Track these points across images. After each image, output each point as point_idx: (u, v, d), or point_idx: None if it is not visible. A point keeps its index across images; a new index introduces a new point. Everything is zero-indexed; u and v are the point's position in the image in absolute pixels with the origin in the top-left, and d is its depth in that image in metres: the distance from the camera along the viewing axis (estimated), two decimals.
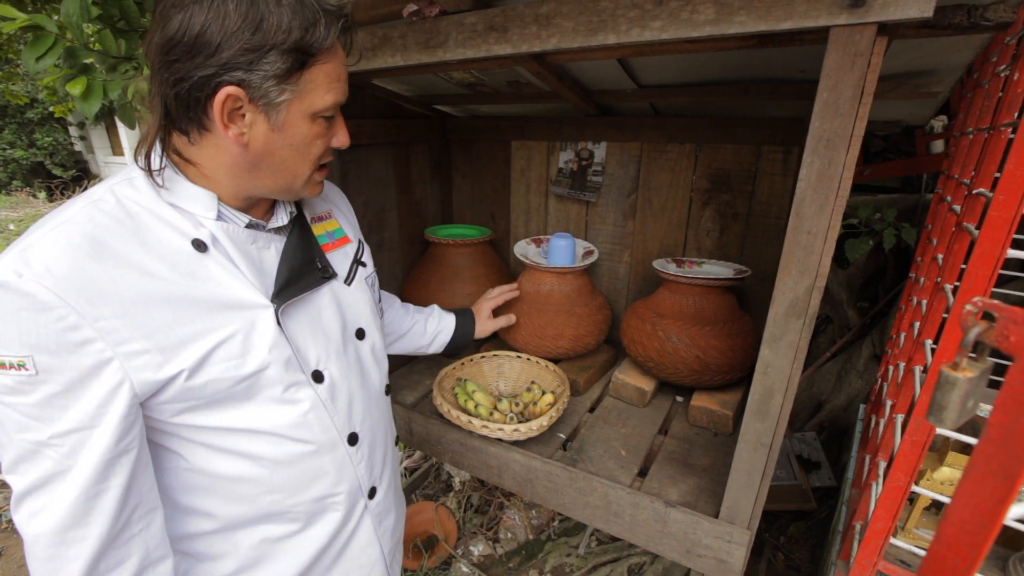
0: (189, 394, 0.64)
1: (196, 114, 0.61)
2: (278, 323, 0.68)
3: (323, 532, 0.81)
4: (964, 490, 0.33)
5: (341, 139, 0.72)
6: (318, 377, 0.75)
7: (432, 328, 1.28)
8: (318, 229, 0.84)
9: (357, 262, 0.88)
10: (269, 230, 0.74)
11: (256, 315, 0.67)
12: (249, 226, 0.71)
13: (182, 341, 0.61)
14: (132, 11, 1.00)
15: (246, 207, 0.71)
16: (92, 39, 1.01)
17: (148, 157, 0.64)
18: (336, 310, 0.80)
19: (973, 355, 0.32)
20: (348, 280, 0.85)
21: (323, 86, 0.64)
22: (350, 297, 0.84)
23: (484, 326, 1.38)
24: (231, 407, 0.68)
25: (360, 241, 0.93)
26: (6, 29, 0.88)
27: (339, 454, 0.79)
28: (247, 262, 0.68)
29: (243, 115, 0.61)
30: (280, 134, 0.64)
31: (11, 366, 0.55)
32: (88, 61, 1.02)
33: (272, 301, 0.69)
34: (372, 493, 0.88)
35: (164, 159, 0.65)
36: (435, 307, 1.34)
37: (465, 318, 1.35)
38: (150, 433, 0.67)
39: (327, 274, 0.79)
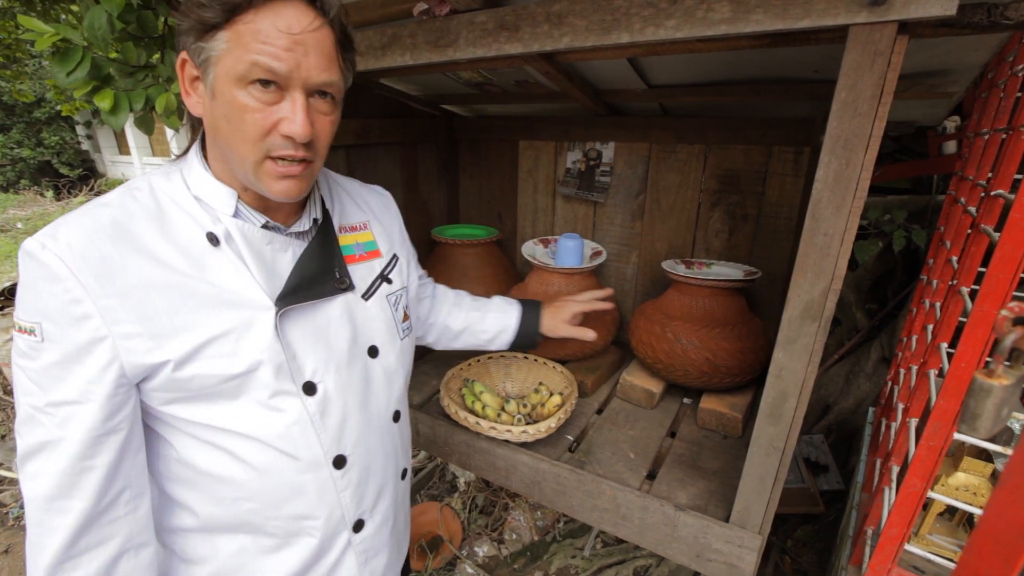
0: (175, 385, 0.63)
1: (182, 95, 0.65)
2: (276, 327, 0.67)
3: (297, 557, 0.76)
4: (998, 500, 0.32)
5: (289, 126, 0.60)
6: (310, 389, 0.71)
7: (491, 326, 1.15)
8: (347, 239, 0.81)
9: (382, 277, 0.85)
10: (289, 234, 0.73)
11: (255, 315, 0.66)
12: (266, 227, 0.70)
13: (175, 330, 0.61)
14: (149, 19, 1.00)
15: (264, 207, 0.70)
16: (112, 49, 1.01)
17: (188, 149, 0.69)
18: (347, 323, 0.77)
19: (1008, 362, 0.31)
20: (367, 295, 0.81)
21: (244, 45, 0.57)
22: (366, 313, 0.80)
23: (557, 327, 1.19)
24: (217, 404, 0.66)
25: (395, 256, 0.89)
26: (39, 46, 0.88)
27: (322, 475, 0.74)
28: (258, 262, 0.68)
29: (197, 80, 0.62)
30: (214, 102, 0.61)
31: (25, 330, 0.58)
32: (109, 72, 1.02)
33: (275, 304, 0.67)
34: (359, 527, 0.81)
35: (198, 150, 0.68)
36: (496, 300, 1.20)
37: (531, 313, 1.18)
38: (145, 418, 0.67)
39: (343, 285, 0.76)
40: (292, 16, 0.58)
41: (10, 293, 3.40)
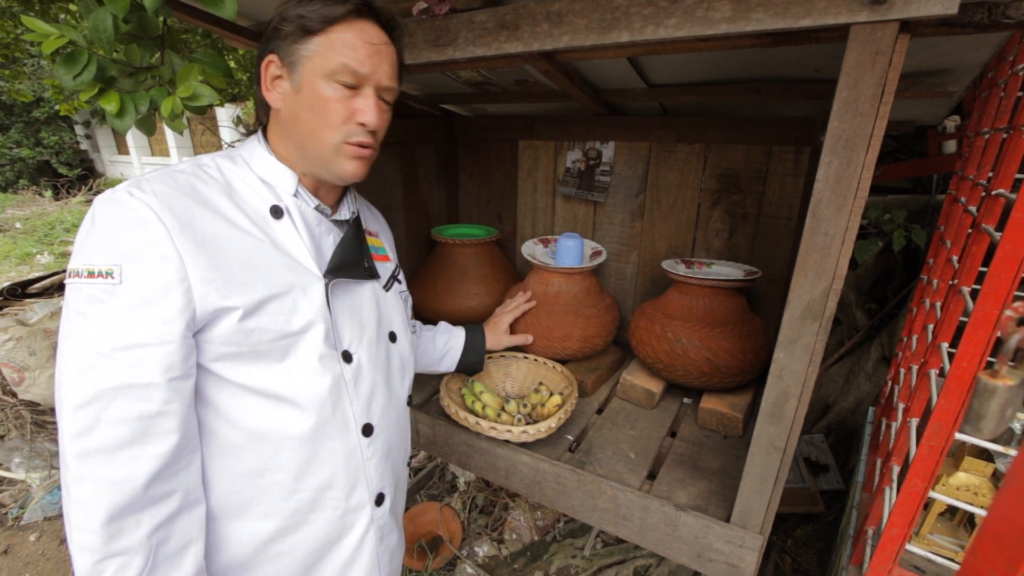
0: (235, 337, 0.66)
1: (261, 91, 0.73)
2: (327, 295, 0.75)
3: (314, 535, 0.79)
4: (1002, 502, 0.31)
5: (365, 115, 0.72)
6: (347, 357, 0.78)
7: (441, 345, 1.27)
8: (368, 240, 0.91)
9: (393, 277, 0.96)
10: (332, 220, 0.82)
11: (309, 282, 0.74)
12: (317, 209, 0.79)
13: (245, 283, 0.67)
14: (151, 20, 0.99)
15: (316, 192, 0.79)
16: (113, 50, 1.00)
17: (250, 133, 0.79)
18: (375, 306, 0.86)
19: (1013, 362, 0.31)
20: (386, 287, 0.91)
21: (335, 49, 0.69)
22: (387, 302, 0.90)
23: (499, 340, 1.35)
24: (263, 364, 0.70)
25: (397, 265, 1.00)
26: (45, 49, 0.88)
27: (350, 442, 0.79)
28: (310, 238, 0.76)
29: (280, 79, 0.72)
30: (299, 95, 0.71)
31: (99, 274, 0.60)
32: (112, 74, 1.02)
33: (324, 277, 0.75)
34: (380, 500, 0.86)
35: (260, 138, 0.77)
36: (442, 324, 1.32)
37: (475, 334, 1.32)
38: None
39: (373, 273, 0.87)
40: (371, 31, 0.71)
41: (9, 293, 3.38)
